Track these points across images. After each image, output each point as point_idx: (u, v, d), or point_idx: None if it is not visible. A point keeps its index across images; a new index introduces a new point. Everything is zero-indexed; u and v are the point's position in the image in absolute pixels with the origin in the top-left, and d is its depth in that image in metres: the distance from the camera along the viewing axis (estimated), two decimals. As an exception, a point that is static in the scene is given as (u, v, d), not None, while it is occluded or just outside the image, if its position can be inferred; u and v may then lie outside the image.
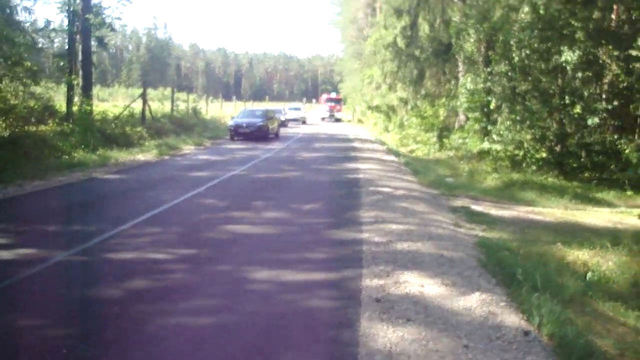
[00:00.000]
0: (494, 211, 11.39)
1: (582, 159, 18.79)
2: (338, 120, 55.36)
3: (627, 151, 16.63)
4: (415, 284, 5.61)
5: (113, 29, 24.03)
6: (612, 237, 9.38)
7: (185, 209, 9.38)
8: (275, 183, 12.90)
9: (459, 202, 11.86)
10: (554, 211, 12.40)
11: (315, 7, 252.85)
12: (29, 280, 5.53)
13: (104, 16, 21.69)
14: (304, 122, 46.65)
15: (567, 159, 18.51)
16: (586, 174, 18.33)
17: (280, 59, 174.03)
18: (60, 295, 5.22)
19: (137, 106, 24.11)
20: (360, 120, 51.47)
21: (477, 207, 11.42)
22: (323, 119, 55.88)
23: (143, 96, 24.35)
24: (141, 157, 17.05)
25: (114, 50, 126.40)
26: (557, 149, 18.73)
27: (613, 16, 19.13)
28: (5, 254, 6.30)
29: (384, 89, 34.05)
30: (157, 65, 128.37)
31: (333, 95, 64.34)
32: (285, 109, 47.95)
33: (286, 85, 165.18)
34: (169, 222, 8.26)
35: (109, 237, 7.17)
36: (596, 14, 18.61)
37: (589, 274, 7.99)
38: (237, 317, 4.72)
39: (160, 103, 31.23)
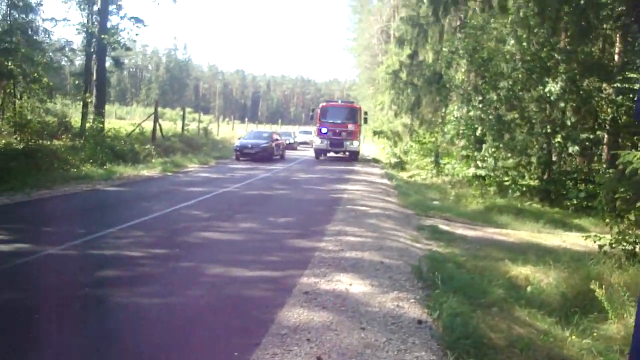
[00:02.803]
0: (460, 231, 12.23)
1: (567, 187, 19.60)
2: (353, 156, 30.97)
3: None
4: (345, 283, 6.55)
5: (128, 49, 25.56)
6: (557, 256, 10.18)
7: (171, 218, 10.44)
8: (262, 199, 13.94)
9: (429, 222, 12.72)
10: (521, 233, 13.17)
11: (333, 31, 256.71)
12: (21, 267, 6.59)
13: (119, 37, 23.15)
14: None
15: (552, 186, 19.28)
16: (573, 202, 19.02)
17: (298, 82, 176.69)
18: (43, 279, 6.27)
19: (151, 125, 25.39)
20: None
21: (445, 227, 12.24)
22: (321, 154, 31.56)
23: (155, 115, 25.68)
24: (145, 172, 18.21)
25: (134, 70, 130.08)
26: (544, 176, 19.55)
27: (617, 48, 19.75)
28: (4, 247, 7.43)
29: (390, 114, 35.07)
30: (176, 85, 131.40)
31: (338, 102, 36.57)
32: (296, 132, 49.46)
33: (303, 108, 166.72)
34: (152, 228, 9.32)
35: (96, 237, 8.24)
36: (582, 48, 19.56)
37: (529, 288, 8.83)
38: (184, 299, 5.74)
39: (173, 122, 32.63)
